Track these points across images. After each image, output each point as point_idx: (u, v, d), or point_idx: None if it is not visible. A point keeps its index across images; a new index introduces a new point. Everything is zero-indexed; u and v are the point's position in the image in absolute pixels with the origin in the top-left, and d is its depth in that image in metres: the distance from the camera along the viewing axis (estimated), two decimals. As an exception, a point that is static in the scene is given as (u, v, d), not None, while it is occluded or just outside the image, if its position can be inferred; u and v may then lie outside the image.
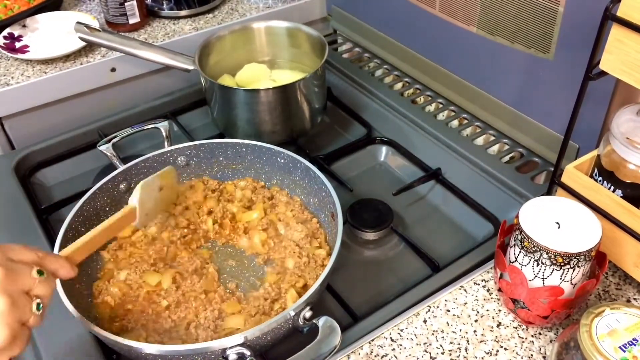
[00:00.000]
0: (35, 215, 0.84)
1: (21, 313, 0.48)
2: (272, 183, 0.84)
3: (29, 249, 0.52)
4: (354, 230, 0.82)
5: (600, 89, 0.72)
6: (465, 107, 0.99)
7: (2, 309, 0.46)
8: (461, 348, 0.63)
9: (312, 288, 0.61)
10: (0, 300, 0.46)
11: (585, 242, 0.57)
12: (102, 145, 0.83)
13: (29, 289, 0.49)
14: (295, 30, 1.00)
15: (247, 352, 0.58)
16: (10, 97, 1.00)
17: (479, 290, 0.69)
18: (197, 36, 1.13)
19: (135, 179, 0.79)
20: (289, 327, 0.62)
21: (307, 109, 0.93)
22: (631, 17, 0.53)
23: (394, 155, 0.97)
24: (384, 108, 1.02)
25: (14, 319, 0.47)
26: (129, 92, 1.10)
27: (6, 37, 1.09)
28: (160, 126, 0.86)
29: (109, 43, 0.95)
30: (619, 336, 0.51)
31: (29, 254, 0.51)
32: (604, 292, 0.69)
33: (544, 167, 0.88)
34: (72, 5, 1.25)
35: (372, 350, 0.63)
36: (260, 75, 1.00)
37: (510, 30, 0.84)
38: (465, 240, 0.82)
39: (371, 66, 1.13)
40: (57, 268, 0.54)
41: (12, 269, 0.48)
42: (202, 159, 0.83)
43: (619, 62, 0.56)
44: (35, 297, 0.49)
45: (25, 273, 0.49)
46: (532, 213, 0.60)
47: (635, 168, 0.63)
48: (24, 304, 0.48)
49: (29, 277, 0.49)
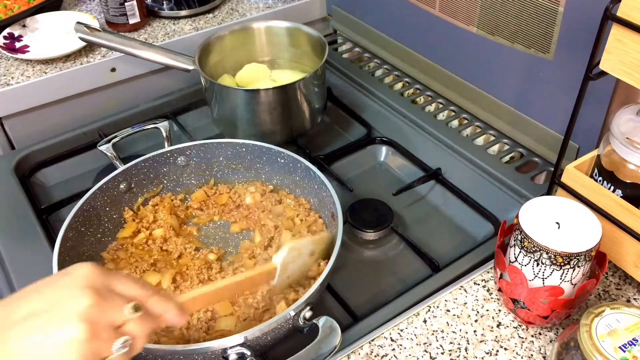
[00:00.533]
0: (35, 215, 0.84)
1: (101, 347, 0.44)
2: (272, 183, 0.84)
3: (138, 284, 0.48)
4: (354, 230, 0.82)
5: (600, 89, 0.72)
6: (465, 107, 0.99)
7: (80, 337, 0.42)
8: (461, 348, 0.63)
9: (312, 288, 0.61)
10: (82, 327, 0.42)
11: (585, 242, 0.57)
12: (102, 145, 0.83)
13: (119, 323, 0.45)
14: (295, 30, 1.00)
15: (248, 352, 0.58)
16: (10, 97, 1.00)
17: (479, 290, 0.69)
18: (197, 36, 1.13)
19: (135, 179, 0.79)
20: (289, 327, 0.62)
21: (307, 109, 0.93)
22: (631, 17, 0.53)
23: (394, 155, 0.97)
24: (384, 108, 1.03)
25: (90, 352, 0.43)
26: (129, 92, 1.10)
27: (6, 37, 1.09)
28: (160, 126, 0.86)
29: (109, 43, 0.95)
30: (619, 336, 0.51)
31: (133, 288, 0.47)
32: (604, 292, 0.69)
33: (544, 167, 0.88)
34: (72, 5, 1.25)
35: (372, 350, 0.63)
36: (260, 75, 1.00)
37: (510, 30, 0.84)
38: (465, 240, 0.82)
39: (371, 66, 1.13)
40: (164, 311, 0.49)
41: (106, 298, 0.44)
42: (202, 159, 0.83)
43: (619, 62, 0.56)
44: (124, 335, 0.45)
45: (119, 307, 0.45)
46: (532, 213, 0.60)
47: (635, 168, 0.63)
48: (107, 338, 0.44)
49: (121, 311, 0.45)
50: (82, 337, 0.42)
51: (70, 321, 0.42)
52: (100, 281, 0.45)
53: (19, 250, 0.78)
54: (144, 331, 0.47)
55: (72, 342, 0.42)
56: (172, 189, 0.84)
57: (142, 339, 0.47)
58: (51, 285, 0.45)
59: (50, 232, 0.82)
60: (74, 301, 0.43)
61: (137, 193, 0.81)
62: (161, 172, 0.82)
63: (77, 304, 0.43)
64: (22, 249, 0.78)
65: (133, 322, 0.46)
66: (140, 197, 0.81)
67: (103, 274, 0.46)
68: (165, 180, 0.83)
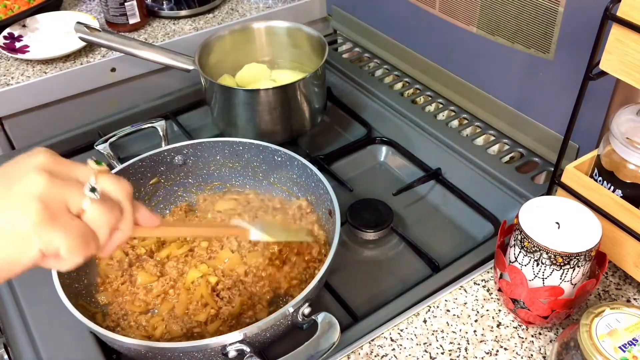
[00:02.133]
0: (35, 215, 0.84)
1: (64, 191, 0.41)
2: (269, 182, 0.84)
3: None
4: (354, 230, 0.82)
5: (600, 89, 0.72)
6: (465, 107, 0.99)
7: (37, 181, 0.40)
8: (461, 348, 0.63)
9: (310, 284, 0.61)
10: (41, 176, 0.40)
11: (585, 242, 0.57)
12: (100, 144, 0.83)
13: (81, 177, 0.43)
14: (295, 30, 1.00)
15: (247, 348, 0.58)
16: (10, 97, 1.00)
17: (479, 290, 0.69)
18: (197, 36, 1.13)
19: (132, 179, 0.79)
20: (288, 324, 0.62)
21: (307, 109, 0.93)
22: (631, 17, 0.53)
23: (394, 155, 0.97)
24: (384, 108, 1.03)
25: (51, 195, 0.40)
26: (129, 92, 1.10)
27: (6, 37, 1.09)
28: (156, 125, 0.86)
29: (109, 43, 0.95)
30: (619, 336, 0.51)
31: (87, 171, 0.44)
32: (604, 292, 0.69)
33: (544, 167, 0.88)
34: (72, 5, 1.25)
35: (372, 350, 0.63)
36: (260, 75, 1.00)
37: (510, 30, 0.84)
38: (465, 240, 0.82)
39: (371, 66, 1.13)
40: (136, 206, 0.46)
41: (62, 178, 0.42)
42: (199, 157, 0.83)
43: (619, 62, 0.56)
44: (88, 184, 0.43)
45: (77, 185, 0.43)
46: (532, 213, 0.60)
47: (635, 168, 0.63)
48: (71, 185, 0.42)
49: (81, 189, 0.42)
50: (40, 181, 0.40)
51: (28, 174, 0.41)
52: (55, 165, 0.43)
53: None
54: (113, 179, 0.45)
55: (30, 187, 0.40)
56: (169, 188, 0.84)
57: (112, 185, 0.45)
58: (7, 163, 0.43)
59: (50, 232, 0.81)
60: (31, 159, 0.42)
61: (135, 193, 0.81)
62: (158, 171, 0.82)
63: (34, 161, 0.42)
64: (22, 248, 0.78)
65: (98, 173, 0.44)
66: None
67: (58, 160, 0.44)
68: (162, 180, 0.83)
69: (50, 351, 0.66)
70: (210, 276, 0.71)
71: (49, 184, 0.40)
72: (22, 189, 0.40)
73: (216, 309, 0.68)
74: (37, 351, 0.66)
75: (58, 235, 0.40)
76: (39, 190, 0.40)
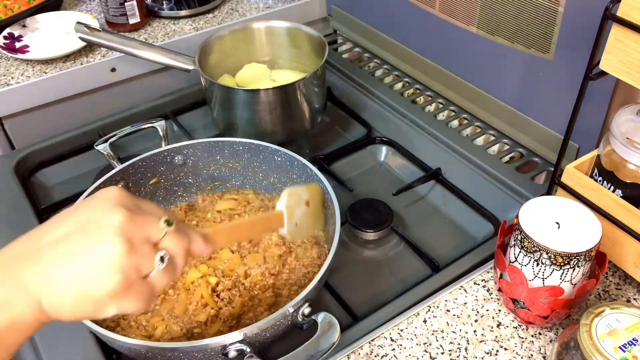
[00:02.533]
0: (35, 215, 0.84)
1: (141, 261, 0.43)
2: (269, 182, 0.84)
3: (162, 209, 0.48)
4: (354, 230, 0.82)
5: (600, 89, 0.72)
6: (465, 107, 0.99)
7: (118, 251, 0.41)
8: (461, 348, 0.63)
9: (310, 284, 0.61)
10: (117, 241, 0.42)
11: (585, 242, 0.57)
12: (100, 144, 0.83)
13: (155, 239, 0.45)
14: (295, 30, 1.00)
15: (247, 348, 0.58)
16: (10, 97, 1.00)
17: (479, 290, 0.69)
18: (197, 36, 1.13)
19: (132, 179, 0.79)
20: (288, 324, 0.62)
21: (307, 109, 0.93)
22: (631, 17, 0.53)
23: (394, 155, 0.97)
24: (384, 108, 1.02)
25: (130, 266, 0.42)
26: (129, 92, 1.10)
27: (6, 37, 1.09)
28: (156, 125, 0.86)
29: (109, 43, 0.95)
30: (619, 336, 0.51)
31: (160, 210, 0.47)
32: (604, 292, 0.69)
33: (544, 167, 0.88)
34: (72, 5, 1.25)
35: (372, 350, 0.63)
36: (260, 75, 1.00)
37: (510, 30, 0.84)
38: (465, 240, 0.82)
39: (371, 66, 1.13)
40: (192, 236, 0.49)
41: (138, 213, 0.44)
42: (199, 158, 0.83)
43: (619, 62, 0.56)
44: (161, 250, 0.45)
45: (152, 221, 0.45)
46: (532, 213, 0.60)
47: (635, 168, 0.63)
48: (145, 252, 0.43)
49: (156, 225, 0.45)
50: (120, 251, 0.42)
51: (107, 236, 0.42)
52: (129, 200, 0.45)
53: (18, 250, 0.78)
54: (181, 247, 0.47)
55: (112, 257, 0.41)
56: (169, 188, 0.84)
57: (180, 255, 0.47)
58: (80, 208, 0.44)
59: (50, 232, 0.81)
60: (107, 218, 0.43)
61: (135, 192, 0.81)
62: (158, 171, 0.82)
63: (111, 220, 0.43)
64: (22, 248, 0.78)
65: (168, 237, 0.45)
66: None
67: (130, 194, 0.46)
68: (162, 180, 0.83)
69: (50, 351, 0.66)
70: (210, 276, 0.71)
71: (127, 254, 0.42)
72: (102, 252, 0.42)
73: (216, 309, 0.68)
74: (37, 351, 0.66)
75: (131, 302, 0.44)
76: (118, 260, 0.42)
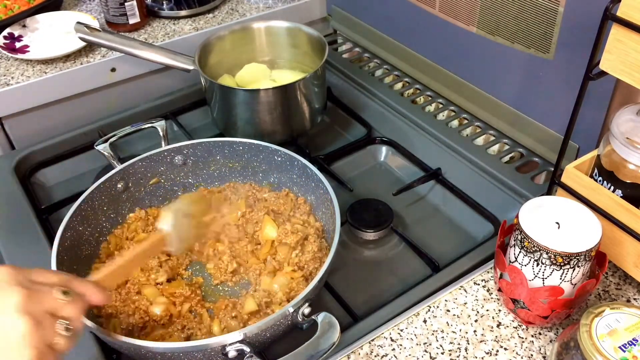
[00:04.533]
0: (35, 215, 0.84)
1: (47, 334, 0.46)
2: (269, 181, 0.84)
3: (53, 272, 0.51)
4: (354, 230, 0.82)
5: (600, 89, 0.72)
6: (465, 107, 0.99)
7: (25, 331, 0.44)
8: (461, 348, 0.63)
9: (310, 284, 0.61)
10: (22, 321, 0.44)
11: (585, 242, 0.57)
12: (100, 144, 0.83)
13: (53, 310, 0.47)
14: (295, 30, 1.00)
15: (247, 348, 0.58)
16: (10, 97, 0.99)
17: (479, 290, 0.69)
18: (197, 36, 1.13)
19: (132, 179, 0.79)
20: (288, 324, 0.62)
21: (307, 109, 0.93)
22: (631, 17, 0.53)
23: (394, 155, 0.97)
24: (384, 108, 1.02)
25: (39, 341, 0.45)
26: (129, 92, 1.10)
27: (6, 37, 1.09)
28: (156, 125, 0.86)
29: (109, 43, 0.95)
30: (619, 336, 0.51)
31: (52, 277, 0.49)
32: (604, 292, 0.69)
33: (544, 167, 0.88)
34: (72, 5, 1.25)
35: (372, 350, 0.63)
36: (260, 75, 1.00)
37: (510, 30, 0.84)
38: (465, 240, 0.82)
39: (371, 66, 1.13)
40: (85, 291, 0.52)
41: (34, 289, 0.46)
42: (199, 157, 0.83)
43: (619, 62, 0.56)
44: (62, 319, 0.48)
45: (48, 294, 0.47)
46: (532, 213, 0.60)
47: (635, 168, 0.63)
48: (49, 325, 0.46)
49: (52, 297, 0.47)
50: (27, 328, 0.44)
51: (10, 318, 0.44)
52: (21, 277, 0.47)
53: (19, 250, 0.78)
54: (79, 312, 0.49)
55: (20, 335, 0.44)
56: (169, 188, 0.84)
57: (79, 320, 0.49)
58: None
59: (50, 232, 0.81)
60: (5, 300, 0.45)
61: (135, 192, 0.81)
62: (158, 171, 0.82)
63: (10, 301, 0.45)
64: (22, 248, 0.78)
65: (66, 306, 0.48)
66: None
67: (20, 270, 0.48)
68: (162, 180, 0.83)
69: (50, 351, 0.66)
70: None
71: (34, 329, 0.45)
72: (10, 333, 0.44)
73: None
74: (37, 351, 0.66)
75: None
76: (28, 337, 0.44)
